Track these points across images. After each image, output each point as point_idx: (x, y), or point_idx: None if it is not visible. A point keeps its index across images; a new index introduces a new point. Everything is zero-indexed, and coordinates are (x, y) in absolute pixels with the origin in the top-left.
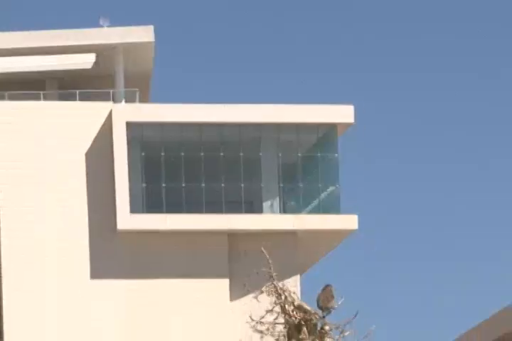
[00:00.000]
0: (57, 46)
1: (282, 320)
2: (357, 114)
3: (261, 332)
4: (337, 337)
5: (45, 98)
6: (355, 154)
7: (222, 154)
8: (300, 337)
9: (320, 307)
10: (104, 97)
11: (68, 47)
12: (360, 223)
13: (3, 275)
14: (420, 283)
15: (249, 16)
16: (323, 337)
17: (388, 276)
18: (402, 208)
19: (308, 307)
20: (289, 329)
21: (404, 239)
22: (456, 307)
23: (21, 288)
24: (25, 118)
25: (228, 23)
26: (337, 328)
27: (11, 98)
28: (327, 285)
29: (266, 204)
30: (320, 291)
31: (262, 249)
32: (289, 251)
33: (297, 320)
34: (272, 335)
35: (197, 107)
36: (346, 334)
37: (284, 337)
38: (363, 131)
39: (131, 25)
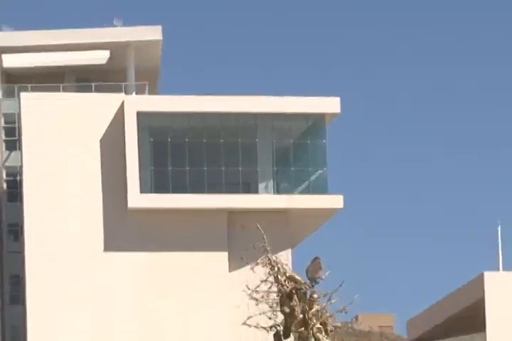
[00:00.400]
0: (75, 43)
1: (275, 289)
2: (343, 105)
3: (256, 299)
4: (324, 303)
5: (64, 90)
6: (341, 141)
7: (222, 140)
8: (291, 304)
9: (309, 278)
10: (116, 90)
11: (85, 44)
12: (345, 202)
13: (26, 249)
14: (400, 257)
15: (244, 17)
16: (312, 304)
17: (371, 250)
18: (384, 189)
19: (299, 278)
20: (282, 297)
21: (385, 217)
22: (431, 277)
23: (43, 258)
24: (46, 108)
25: (226, 23)
26: (325, 296)
27: (34, 90)
28: (315, 258)
29: (261, 186)
30: (309, 263)
31: (258, 225)
32: (281, 228)
33: (289, 289)
34: (267, 303)
35: (200, 99)
36: (333, 301)
37: (277, 304)
38: (348, 120)
39: (141, 25)
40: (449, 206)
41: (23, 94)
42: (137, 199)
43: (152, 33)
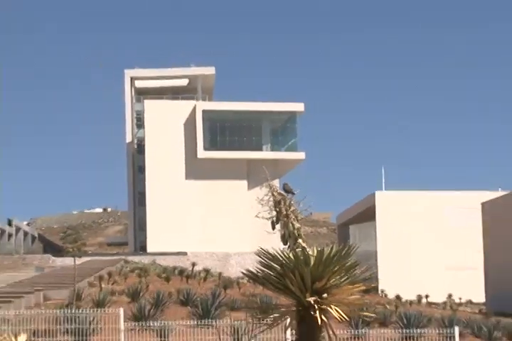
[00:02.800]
0: (174, 75)
1: (272, 198)
2: (306, 107)
3: (262, 204)
4: (296, 206)
5: (167, 98)
6: (304, 125)
7: (244, 124)
8: (279, 206)
9: (286, 191)
10: (192, 98)
11: (176, 76)
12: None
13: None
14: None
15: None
16: (291, 206)
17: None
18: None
19: (283, 192)
20: (275, 202)
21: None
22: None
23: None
24: (159, 107)
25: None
26: (296, 202)
27: (151, 98)
28: (285, 183)
29: (264, 147)
30: (283, 185)
31: (264, 167)
32: (273, 168)
33: (278, 198)
34: (267, 206)
35: (233, 103)
36: (301, 205)
37: (273, 206)
38: (309, 116)
39: (204, 66)
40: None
41: (146, 101)
42: (202, 153)
43: (210, 70)
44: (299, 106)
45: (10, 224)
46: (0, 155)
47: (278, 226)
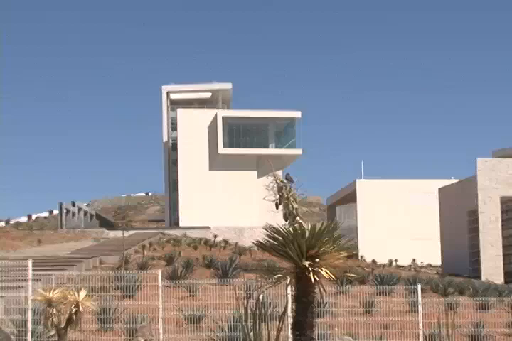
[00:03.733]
0: (198, 89)
1: (276, 185)
2: (302, 114)
3: (268, 189)
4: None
5: (194, 107)
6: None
7: (254, 128)
8: (282, 191)
9: (287, 179)
10: (214, 107)
11: (201, 90)
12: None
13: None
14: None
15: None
16: (291, 190)
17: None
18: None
19: (285, 181)
20: (278, 188)
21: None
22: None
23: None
24: (188, 115)
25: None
26: (296, 188)
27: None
28: (288, 173)
29: (270, 145)
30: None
31: (268, 160)
32: (277, 161)
33: (281, 185)
34: (272, 191)
35: (245, 111)
36: (299, 190)
37: (277, 191)
38: (304, 121)
39: (223, 81)
40: None
41: (178, 109)
42: (222, 150)
43: (227, 85)
44: (297, 114)
45: (73, 205)
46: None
47: (281, 207)
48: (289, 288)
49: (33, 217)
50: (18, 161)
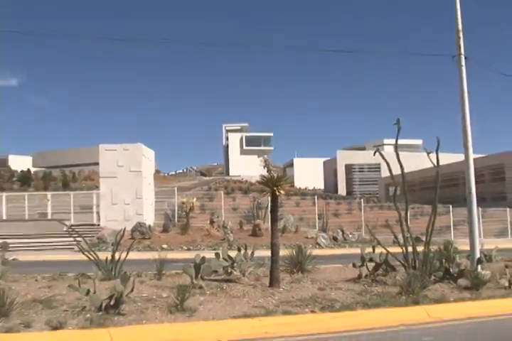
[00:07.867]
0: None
1: (265, 162)
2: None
3: (263, 170)
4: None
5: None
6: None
7: (260, 140)
8: (270, 173)
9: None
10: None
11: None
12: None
13: None
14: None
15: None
16: (269, 164)
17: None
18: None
19: (270, 167)
20: (268, 171)
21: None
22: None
23: None
24: (231, 137)
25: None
26: (271, 164)
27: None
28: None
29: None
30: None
31: (264, 156)
32: (268, 155)
33: (266, 162)
34: (264, 164)
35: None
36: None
37: (267, 173)
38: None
39: (267, 132)
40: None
41: (229, 134)
42: (244, 148)
43: (270, 134)
44: (270, 133)
45: None
46: None
47: (266, 169)
48: (269, 198)
49: None
50: None
